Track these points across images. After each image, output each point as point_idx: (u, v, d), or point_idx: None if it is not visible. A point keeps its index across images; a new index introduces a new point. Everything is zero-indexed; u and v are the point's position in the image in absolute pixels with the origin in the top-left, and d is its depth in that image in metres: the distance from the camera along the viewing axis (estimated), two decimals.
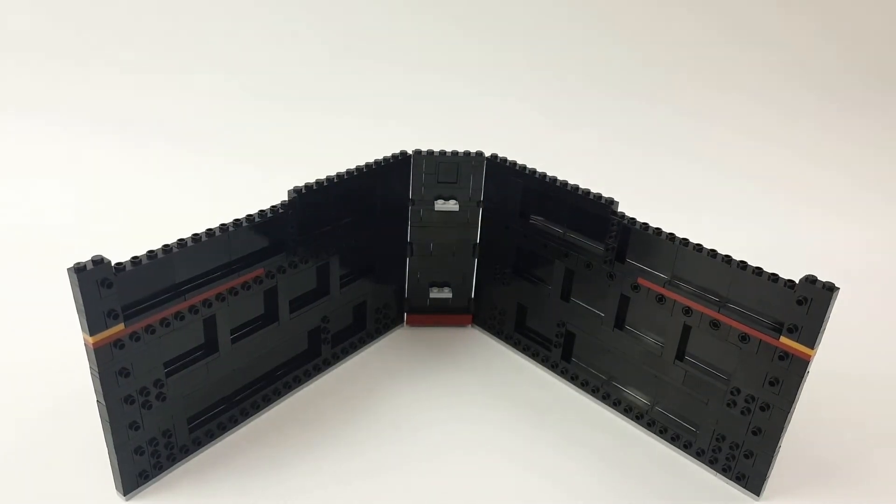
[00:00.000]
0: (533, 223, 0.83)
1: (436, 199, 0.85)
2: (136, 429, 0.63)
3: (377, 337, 0.91)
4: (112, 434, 0.61)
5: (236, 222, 0.67)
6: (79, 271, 0.54)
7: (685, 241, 0.68)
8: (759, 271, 0.63)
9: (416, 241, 0.88)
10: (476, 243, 0.89)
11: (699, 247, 0.67)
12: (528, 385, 0.84)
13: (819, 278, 0.60)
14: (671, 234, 0.69)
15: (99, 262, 0.55)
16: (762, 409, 0.66)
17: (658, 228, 0.70)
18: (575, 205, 0.77)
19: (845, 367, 0.89)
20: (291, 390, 0.80)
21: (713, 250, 0.66)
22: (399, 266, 0.90)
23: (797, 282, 0.61)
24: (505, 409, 0.79)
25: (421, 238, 0.88)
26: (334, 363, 0.85)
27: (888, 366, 0.91)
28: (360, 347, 0.88)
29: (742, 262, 0.65)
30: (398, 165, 0.82)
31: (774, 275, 0.63)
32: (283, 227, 0.71)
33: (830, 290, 0.59)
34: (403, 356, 0.88)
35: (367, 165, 0.79)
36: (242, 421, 0.75)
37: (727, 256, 0.66)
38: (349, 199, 0.80)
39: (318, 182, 0.73)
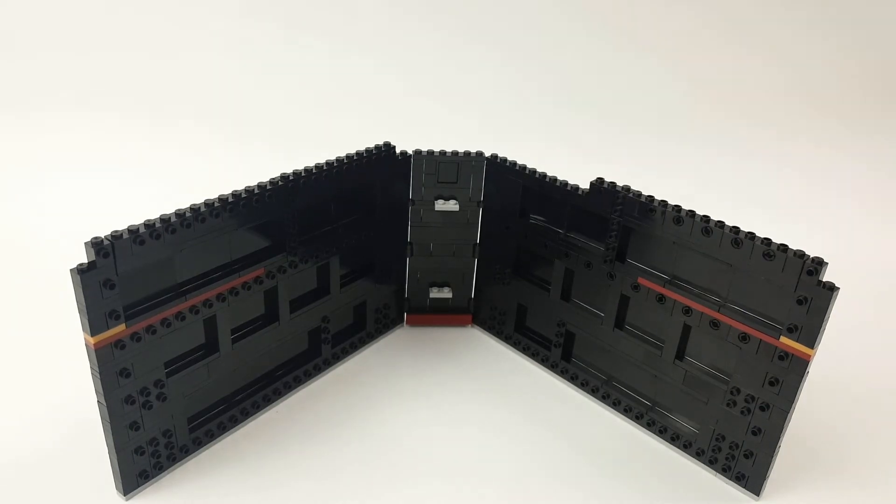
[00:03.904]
0: (533, 223, 0.83)
1: (436, 199, 0.85)
2: (137, 429, 0.63)
3: (377, 337, 0.91)
4: (112, 434, 0.61)
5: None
6: (81, 272, 0.54)
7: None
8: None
9: (416, 241, 0.88)
10: (476, 243, 0.89)
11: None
12: (527, 385, 0.84)
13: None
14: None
15: (102, 263, 0.55)
16: (762, 408, 0.66)
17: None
18: (575, 205, 0.77)
19: (845, 366, 0.89)
20: (292, 390, 0.80)
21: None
22: (399, 266, 0.90)
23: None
24: (504, 410, 0.80)
25: (421, 238, 0.88)
26: (334, 363, 0.85)
27: (888, 366, 0.91)
28: (361, 347, 0.88)
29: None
30: (400, 163, 0.82)
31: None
32: (283, 227, 0.71)
33: (831, 289, 0.59)
34: (403, 356, 0.88)
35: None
36: (243, 421, 0.75)
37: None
38: (349, 198, 0.80)
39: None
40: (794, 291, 0.61)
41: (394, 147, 0.81)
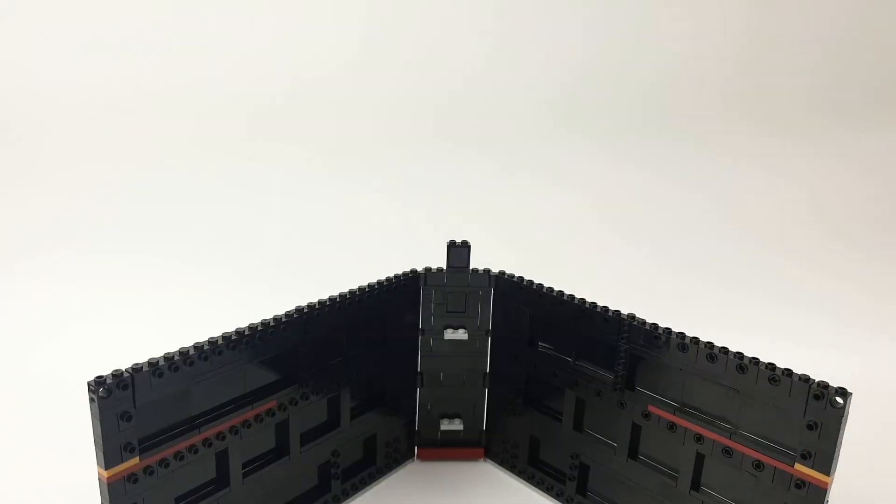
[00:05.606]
0: (542, 351, 0.84)
1: (445, 329, 0.87)
2: None
3: (387, 472, 0.89)
4: None
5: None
6: (101, 402, 0.55)
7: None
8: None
9: (426, 370, 0.89)
10: (486, 372, 0.90)
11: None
12: None
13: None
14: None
15: (120, 395, 0.57)
16: None
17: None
18: (582, 332, 0.78)
19: (866, 489, 0.86)
20: None
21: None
22: (409, 397, 0.90)
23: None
24: None
25: (431, 368, 0.89)
26: (344, 499, 0.83)
27: None
28: (371, 483, 0.87)
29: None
30: (409, 293, 0.85)
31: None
32: (296, 359, 0.73)
33: (840, 412, 0.59)
34: (414, 493, 0.86)
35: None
36: None
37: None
38: (360, 329, 0.81)
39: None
40: (804, 416, 0.61)
41: (404, 277, 0.84)
